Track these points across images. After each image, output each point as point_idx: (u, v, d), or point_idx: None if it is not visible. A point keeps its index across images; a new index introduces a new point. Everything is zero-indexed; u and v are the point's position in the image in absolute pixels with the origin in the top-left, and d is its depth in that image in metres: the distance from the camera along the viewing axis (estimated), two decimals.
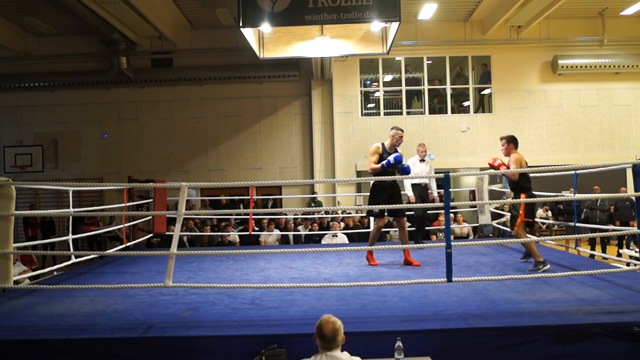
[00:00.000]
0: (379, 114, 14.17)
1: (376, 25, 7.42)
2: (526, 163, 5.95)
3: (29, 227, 12.43)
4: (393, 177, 5.86)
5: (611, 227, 9.78)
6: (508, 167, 5.76)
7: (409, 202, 7.39)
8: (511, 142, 5.99)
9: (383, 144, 6.17)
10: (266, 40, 7.77)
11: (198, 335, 3.60)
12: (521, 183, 5.77)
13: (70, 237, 6.63)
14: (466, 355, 3.50)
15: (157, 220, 8.88)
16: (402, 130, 6.19)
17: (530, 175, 6.04)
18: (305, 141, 14.37)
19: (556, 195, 7.37)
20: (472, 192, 8.97)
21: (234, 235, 10.12)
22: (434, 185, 7.91)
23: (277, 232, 10.13)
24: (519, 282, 4.82)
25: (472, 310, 3.99)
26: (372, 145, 6.22)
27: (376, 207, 5.77)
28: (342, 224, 10.27)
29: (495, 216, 9.74)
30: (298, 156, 14.38)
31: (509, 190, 8.31)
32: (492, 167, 5.87)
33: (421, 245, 6.52)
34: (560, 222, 11.91)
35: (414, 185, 7.60)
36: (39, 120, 14.43)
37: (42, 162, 13.98)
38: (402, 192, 6.64)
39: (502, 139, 6.12)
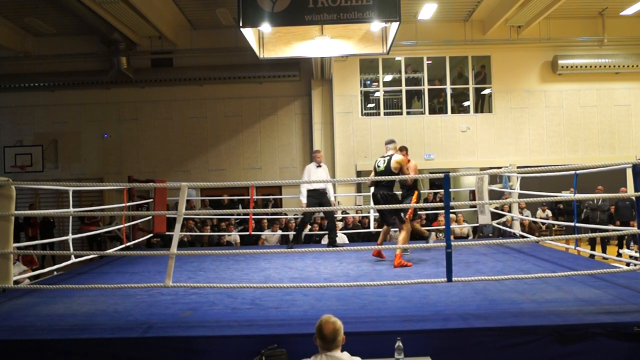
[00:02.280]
0: (379, 114, 14.16)
1: (376, 25, 7.42)
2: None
3: (29, 227, 12.43)
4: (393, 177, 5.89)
5: (611, 227, 9.77)
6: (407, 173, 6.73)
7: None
8: (406, 151, 7.13)
9: None
10: (266, 40, 7.77)
11: (198, 335, 3.60)
12: (415, 185, 7.04)
13: (70, 237, 6.63)
14: (466, 355, 3.50)
15: (157, 220, 8.88)
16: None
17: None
18: (305, 141, 14.37)
19: (556, 195, 7.38)
20: (472, 192, 8.98)
21: (234, 235, 10.12)
22: (331, 190, 7.98)
23: (277, 232, 10.13)
24: (519, 282, 4.82)
25: (472, 310, 3.99)
26: (399, 156, 6.34)
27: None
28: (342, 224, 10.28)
29: (495, 216, 9.74)
30: (298, 156, 14.38)
31: (508, 190, 8.36)
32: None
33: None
34: (560, 222, 11.91)
35: (311, 191, 7.70)
36: (39, 120, 14.42)
37: (42, 162, 13.98)
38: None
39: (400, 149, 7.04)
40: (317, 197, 7.70)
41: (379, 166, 6.40)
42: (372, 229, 9.16)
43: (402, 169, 6.25)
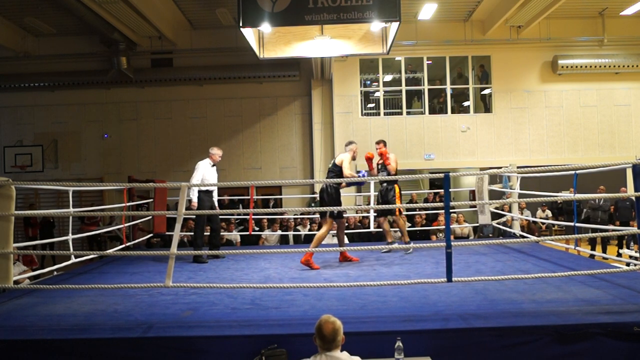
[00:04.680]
0: (379, 114, 14.16)
1: (376, 25, 7.42)
2: None
3: (29, 227, 12.43)
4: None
5: (611, 227, 9.77)
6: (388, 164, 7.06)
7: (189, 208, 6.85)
8: (384, 143, 7.30)
9: None
10: (266, 40, 7.78)
11: (198, 335, 3.60)
12: (395, 179, 7.04)
13: (70, 237, 6.63)
14: (466, 355, 3.50)
15: (157, 220, 8.88)
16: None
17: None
18: (305, 141, 14.37)
19: (556, 195, 7.38)
20: (472, 192, 8.97)
21: (234, 235, 10.12)
22: (215, 193, 7.41)
23: (277, 232, 10.13)
24: (519, 282, 4.82)
25: (472, 310, 3.99)
26: (346, 155, 6.59)
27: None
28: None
29: (495, 216, 9.74)
30: (298, 156, 14.38)
31: (509, 190, 8.36)
32: (370, 159, 6.91)
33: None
34: (560, 222, 11.91)
35: (204, 192, 7.08)
36: (39, 120, 14.43)
37: (42, 162, 13.99)
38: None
39: (378, 142, 7.30)
40: (210, 199, 7.14)
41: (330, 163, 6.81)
42: (372, 229, 9.17)
43: (342, 166, 6.59)
